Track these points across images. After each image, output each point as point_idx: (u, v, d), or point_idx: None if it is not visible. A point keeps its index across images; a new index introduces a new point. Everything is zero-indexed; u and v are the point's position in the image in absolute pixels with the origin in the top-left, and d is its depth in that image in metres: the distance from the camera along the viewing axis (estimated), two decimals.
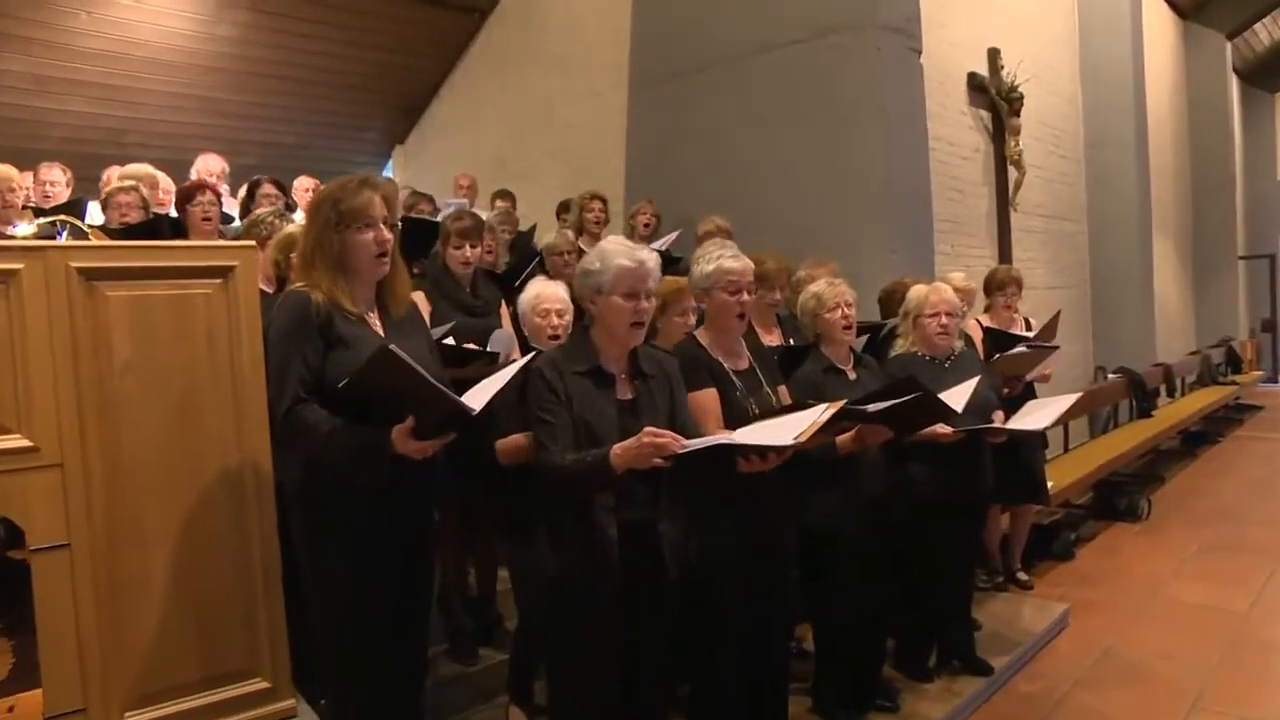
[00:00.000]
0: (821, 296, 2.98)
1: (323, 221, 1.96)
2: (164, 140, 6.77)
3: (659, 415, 2.14)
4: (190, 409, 2.01)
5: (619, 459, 1.95)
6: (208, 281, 2.03)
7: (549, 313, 2.79)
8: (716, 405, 2.44)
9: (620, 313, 2.09)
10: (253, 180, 4.50)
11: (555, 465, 2.02)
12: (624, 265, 2.09)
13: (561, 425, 2.05)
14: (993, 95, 6.46)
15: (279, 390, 1.90)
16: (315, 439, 1.86)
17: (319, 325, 1.90)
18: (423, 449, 1.85)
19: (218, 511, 2.04)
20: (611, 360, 2.16)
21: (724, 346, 2.57)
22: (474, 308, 3.21)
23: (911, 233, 4.85)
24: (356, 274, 1.99)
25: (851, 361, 3.03)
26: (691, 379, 2.42)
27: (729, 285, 2.52)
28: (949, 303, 3.19)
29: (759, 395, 2.54)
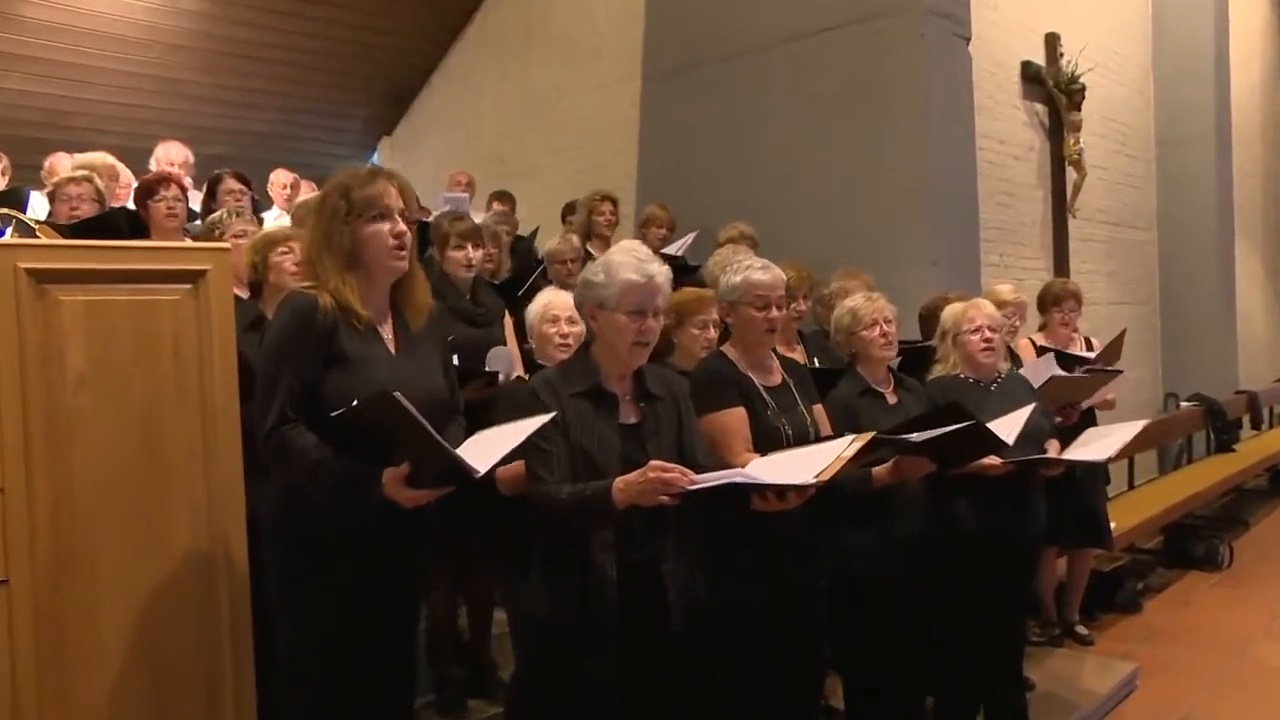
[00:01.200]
0: (858, 312, 2.99)
1: (331, 212, 1.96)
2: (118, 125, 6.75)
3: (666, 441, 2.16)
4: (153, 431, 2.02)
5: (622, 495, 1.95)
6: (175, 287, 2.04)
7: (558, 320, 2.81)
8: (745, 426, 2.45)
9: (623, 331, 2.10)
10: (213, 175, 4.48)
11: (550, 498, 2.02)
12: (631, 280, 2.10)
13: (558, 453, 2.05)
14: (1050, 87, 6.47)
15: (264, 406, 1.88)
16: (300, 466, 1.86)
17: (321, 335, 1.89)
18: (415, 499, 1.85)
19: (182, 549, 2.04)
20: (614, 380, 2.17)
21: (754, 361, 2.59)
22: (476, 317, 3.23)
23: (956, 242, 4.87)
24: (369, 272, 1.98)
25: (892, 384, 3.04)
26: (718, 396, 2.43)
27: (757, 300, 2.55)
28: (989, 316, 3.21)
29: (792, 414, 2.55)
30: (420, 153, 8.24)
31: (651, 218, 5.17)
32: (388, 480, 1.83)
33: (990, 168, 5.90)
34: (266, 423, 1.87)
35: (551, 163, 7.13)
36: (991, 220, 5.78)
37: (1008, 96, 6.27)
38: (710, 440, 2.41)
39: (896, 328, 3.03)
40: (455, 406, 2.12)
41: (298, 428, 1.86)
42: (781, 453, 2.28)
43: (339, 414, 1.80)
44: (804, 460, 2.12)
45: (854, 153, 4.99)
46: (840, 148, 5.05)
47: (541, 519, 2.06)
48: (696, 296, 2.99)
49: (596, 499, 1.98)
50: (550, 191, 6.76)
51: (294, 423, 1.86)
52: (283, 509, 1.97)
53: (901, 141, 4.82)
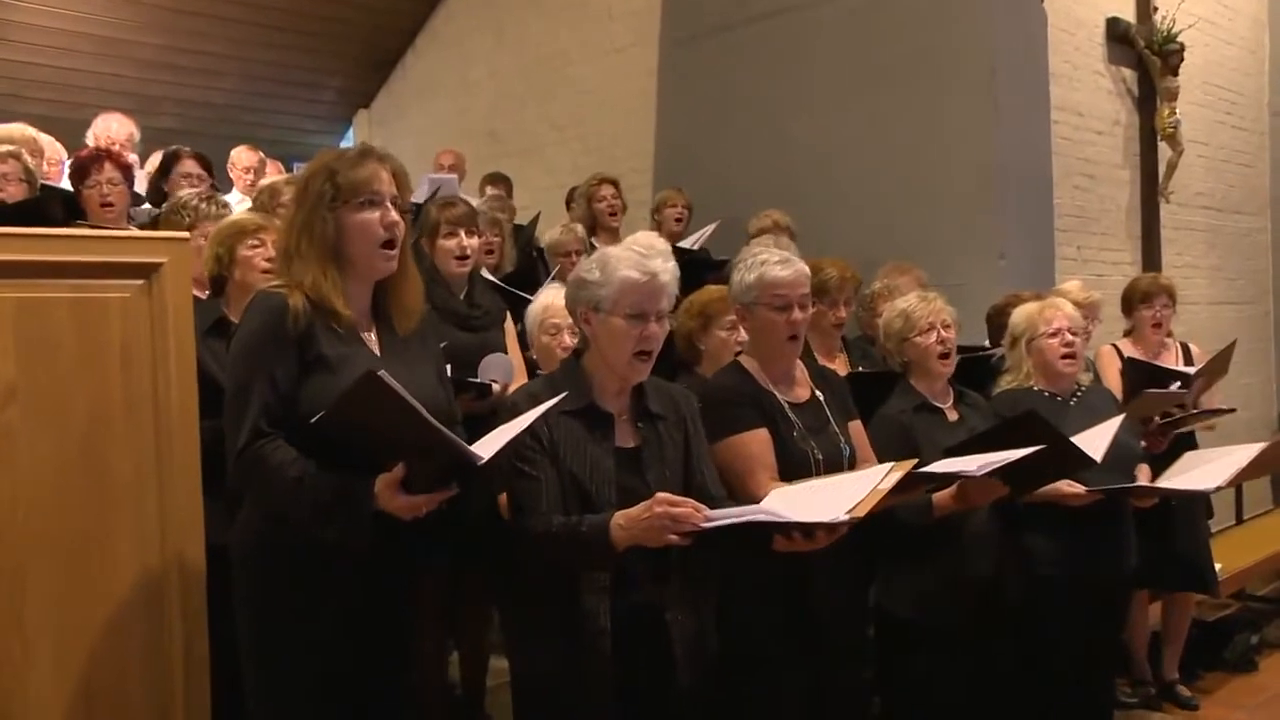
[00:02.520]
0: (912, 315, 3.00)
1: (314, 197, 1.97)
2: (50, 92, 6.75)
3: (671, 468, 2.15)
4: (96, 450, 2.02)
5: (623, 533, 1.95)
6: (125, 283, 2.05)
7: (559, 330, 2.82)
8: (768, 451, 2.44)
9: (621, 338, 2.10)
10: (169, 151, 4.51)
11: (538, 534, 2.02)
12: (629, 278, 2.10)
13: (546, 481, 2.05)
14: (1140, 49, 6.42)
15: (236, 422, 1.89)
16: (278, 485, 1.86)
17: (296, 339, 1.90)
18: (414, 506, 1.85)
19: (128, 587, 2.05)
20: (609, 396, 2.17)
21: (777, 373, 2.58)
22: (470, 319, 3.24)
23: (1027, 232, 4.87)
24: (353, 267, 2.00)
25: (951, 398, 3.04)
26: (735, 417, 2.43)
27: (774, 299, 2.52)
28: (1070, 318, 3.20)
29: (823, 436, 2.54)
30: (402, 128, 8.30)
31: (665, 201, 5.19)
32: (381, 488, 1.84)
33: (1067, 145, 5.87)
34: (239, 440, 1.88)
35: (554, 141, 7.16)
36: (1069, 206, 5.75)
37: (1089, 61, 6.25)
38: (728, 469, 2.40)
39: (956, 333, 3.03)
40: (454, 415, 2.13)
41: (274, 442, 1.88)
42: (807, 482, 2.27)
43: (320, 417, 1.83)
44: (834, 492, 2.11)
45: (907, 129, 4.99)
46: (891, 123, 5.05)
47: (528, 554, 2.07)
48: (722, 294, 2.99)
49: (593, 536, 1.97)
50: (553, 174, 6.80)
51: (270, 437, 1.88)
52: (257, 539, 1.99)
53: (963, 115, 4.82)
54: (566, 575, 2.05)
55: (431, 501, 1.88)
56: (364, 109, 8.69)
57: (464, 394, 2.82)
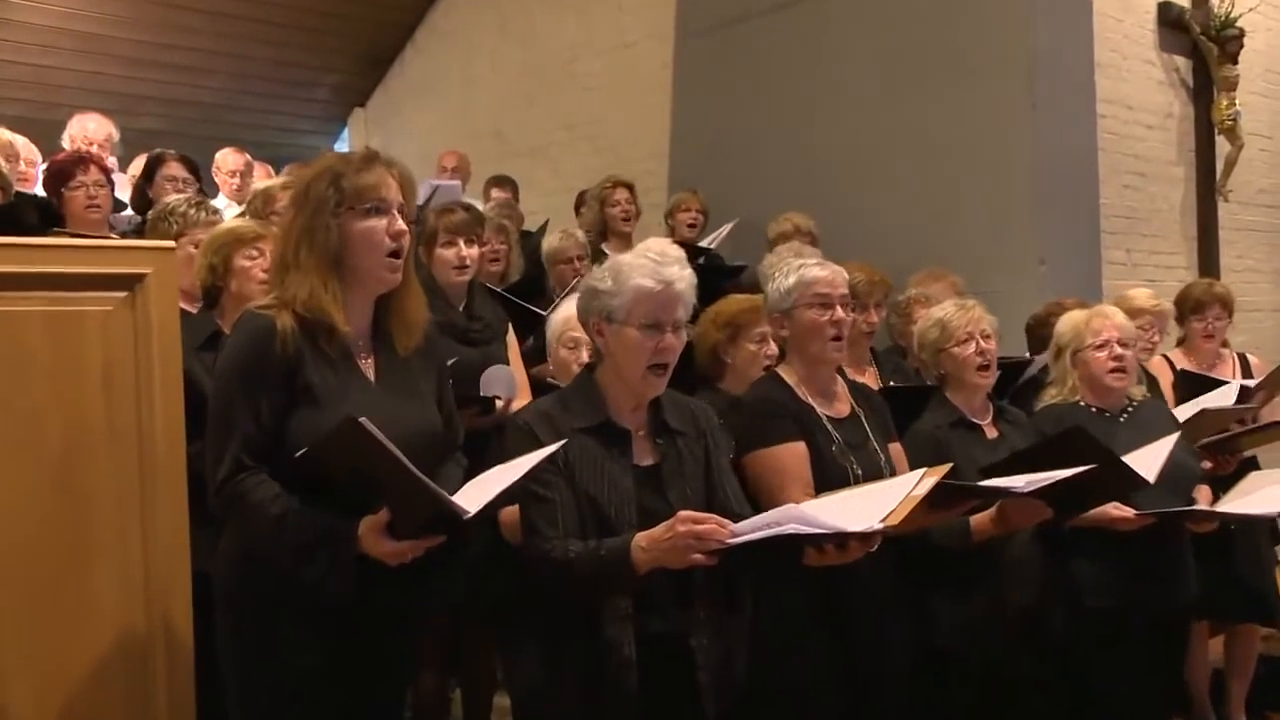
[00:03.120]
0: (948, 324, 3.01)
1: (316, 202, 1.98)
2: (26, 92, 6.81)
3: (693, 486, 2.17)
4: (74, 477, 2.02)
5: (645, 555, 1.97)
6: (106, 295, 2.06)
7: (579, 344, 2.84)
8: (804, 466, 2.46)
9: (635, 350, 2.13)
10: (153, 154, 4.53)
11: (554, 560, 2.04)
12: (643, 286, 2.12)
13: (562, 503, 2.07)
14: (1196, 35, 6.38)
15: (217, 453, 1.91)
16: (258, 523, 1.88)
17: (283, 365, 1.92)
18: (399, 553, 1.87)
19: (110, 629, 2.04)
20: (625, 412, 2.19)
21: (817, 385, 2.60)
22: (470, 333, 3.25)
23: (1071, 234, 4.87)
24: (356, 278, 2.01)
25: (990, 414, 3.04)
26: (770, 428, 2.44)
27: (816, 298, 2.57)
28: (1119, 327, 3.19)
29: (863, 452, 2.56)
30: (400, 128, 8.36)
31: (679, 205, 5.21)
32: (365, 532, 1.86)
33: (1115, 140, 5.86)
34: (219, 473, 1.90)
35: (563, 141, 7.20)
36: (1117, 206, 5.73)
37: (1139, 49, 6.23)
38: (761, 482, 2.42)
39: (996, 344, 3.03)
40: (453, 441, 2.15)
41: (256, 477, 1.89)
42: (838, 493, 2.28)
43: (301, 455, 1.84)
44: (866, 501, 2.12)
45: (940, 125, 4.99)
46: (923, 119, 5.05)
47: (543, 581, 2.08)
48: (753, 304, 3.00)
49: (614, 560, 1.98)
50: (561, 176, 6.83)
51: (251, 471, 1.89)
52: (239, 574, 1.99)
53: (1001, 109, 4.82)
54: (586, 604, 2.07)
55: (418, 549, 1.89)
56: (359, 108, 8.75)
57: (468, 409, 2.83)
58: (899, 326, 3.86)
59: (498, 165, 6.59)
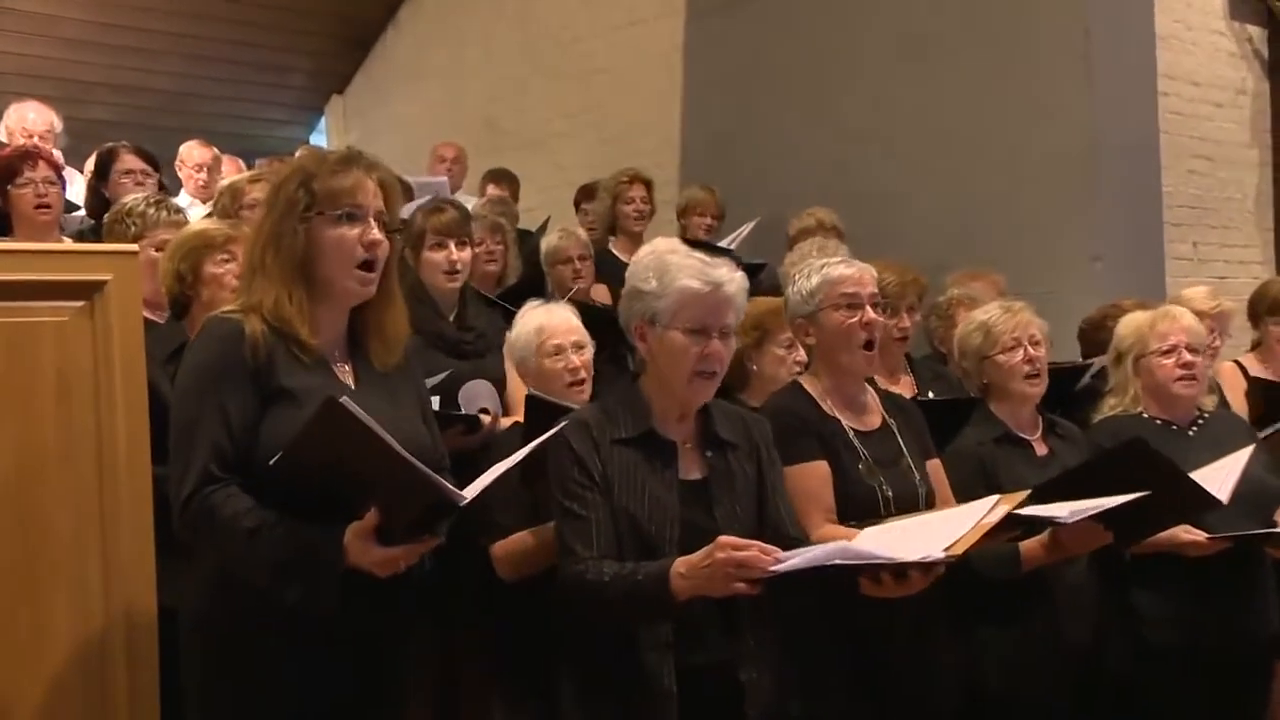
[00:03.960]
0: (993, 329, 3.00)
1: (285, 204, 1.99)
2: None
3: (743, 504, 2.19)
4: (26, 502, 2.01)
5: (684, 582, 1.98)
6: (61, 305, 2.06)
7: (562, 350, 2.84)
8: (826, 487, 2.46)
9: (680, 356, 2.15)
10: (104, 149, 4.50)
11: (588, 583, 2.06)
12: (690, 288, 2.14)
13: (597, 521, 2.09)
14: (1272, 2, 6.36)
15: (182, 465, 1.91)
16: (230, 539, 1.88)
17: (253, 370, 1.92)
18: (391, 560, 1.87)
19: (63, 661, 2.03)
20: (670, 422, 2.21)
21: (843, 395, 2.60)
22: (462, 345, 3.25)
23: (1129, 227, 4.86)
24: (323, 289, 2.02)
25: (1040, 428, 3.03)
26: (790, 445, 2.44)
27: (844, 299, 2.57)
28: (1187, 330, 3.17)
29: (894, 471, 2.56)
30: (383, 118, 8.36)
31: (692, 204, 5.19)
32: (351, 539, 1.85)
33: (1179, 121, 5.83)
34: (185, 487, 1.90)
35: (564, 131, 7.20)
36: (1182, 194, 5.71)
37: (1205, 19, 6.18)
38: None
39: (1047, 350, 3.02)
40: (440, 460, 2.15)
41: (226, 489, 1.90)
42: (897, 521, 2.28)
43: (279, 458, 1.84)
44: (927, 530, 2.12)
45: (982, 108, 5.00)
46: (962, 102, 5.06)
47: (576, 606, 2.10)
48: (779, 307, 2.99)
49: (651, 587, 2.00)
50: (563, 170, 6.82)
51: (221, 484, 1.90)
52: (209, 601, 1.99)
53: (1050, 89, 4.82)
54: (622, 630, 2.09)
55: (411, 554, 1.89)
56: (338, 95, 8.74)
57: (450, 428, 2.83)
58: (939, 331, 3.87)
59: (491, 158, 6.58)
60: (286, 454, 1.84)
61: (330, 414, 1.76)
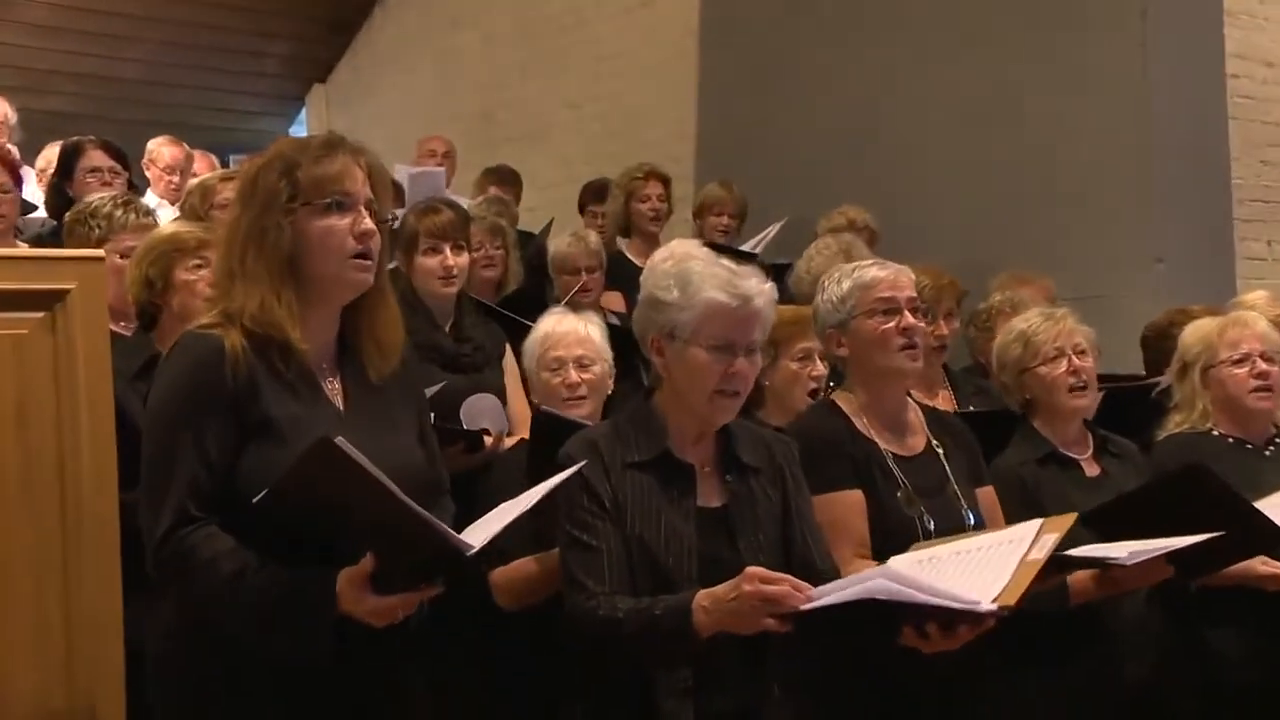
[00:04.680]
0: (1033, 339, 3.01)
1: (266, 196, 1.97)
2: None
3: (768, 534, 2.19)
4: None
5: (707, 617, 1.97)
6: (19, 316, 2.05)
7: (564, 363, 2.85)
8: (859, 518, 2.46)
9: (701, 374, 2.15)
10: (69, 143, 4.53)
11: (599, 620, 2.06)
12: (716, 301, 2.14)
13: (609, 552, 2.10)
14: None
15: (155, 501, 1.90)
16: (209, 584, 1.87)
17: (233, 394, 1.91)
18: (388, 610, 1.85)
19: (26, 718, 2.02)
20: (688, 443, 2.22)
21: (883, 414, 2.60)
22: (458, 358, 3.27)
23: (1195, 225, 4.82)
24: (315, 288, 2.01)
25: (1090, 446, 3.03)
26: (821, 471, 2.44)
27: (880, 303, 2.57)
28: (1261, 337, 3.16)
29: (939, 501, 2.54)
30: (369, 109, 8.41)
31: (709, 202, 5.19)
32: (345, 586, 1.84)
33: (1250, 106, 5.76)
34: (159, 527, 1.89)
35: (567, 122, 7.22)
36: (1254, 188, 5.64)
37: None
38: None
39: (1096, 360, 3.02)
40: (438, 483, 2.15)
41: (204, 529, 1.88)
42: (926, 550, 2.26)
43: (264, 496, 1.83)
44: (967, 565, 2.10)
45: (1028, 94, 4.98)
46: (1007, 87, 5.04)
47: (586, 644, 2.10)
48: (794, 315, 3.00)
49: (670, 621, 1.99)
50: (565, 165, 6.83)
51: (199, 523, 1.89)
52: (183, 646, 1.98)
53: (1104, 71, 4.80)
54: (638, 673, 2.09)
55: (409, 603, 1.88)
56: (320, 84, 8.80)
57: (451, 445, 2.84)
58: (979, 341, 3.86)
59: (487, 152, 6.61)
60: (272, 495, 1.83)
61: (323, 455, 1.75)
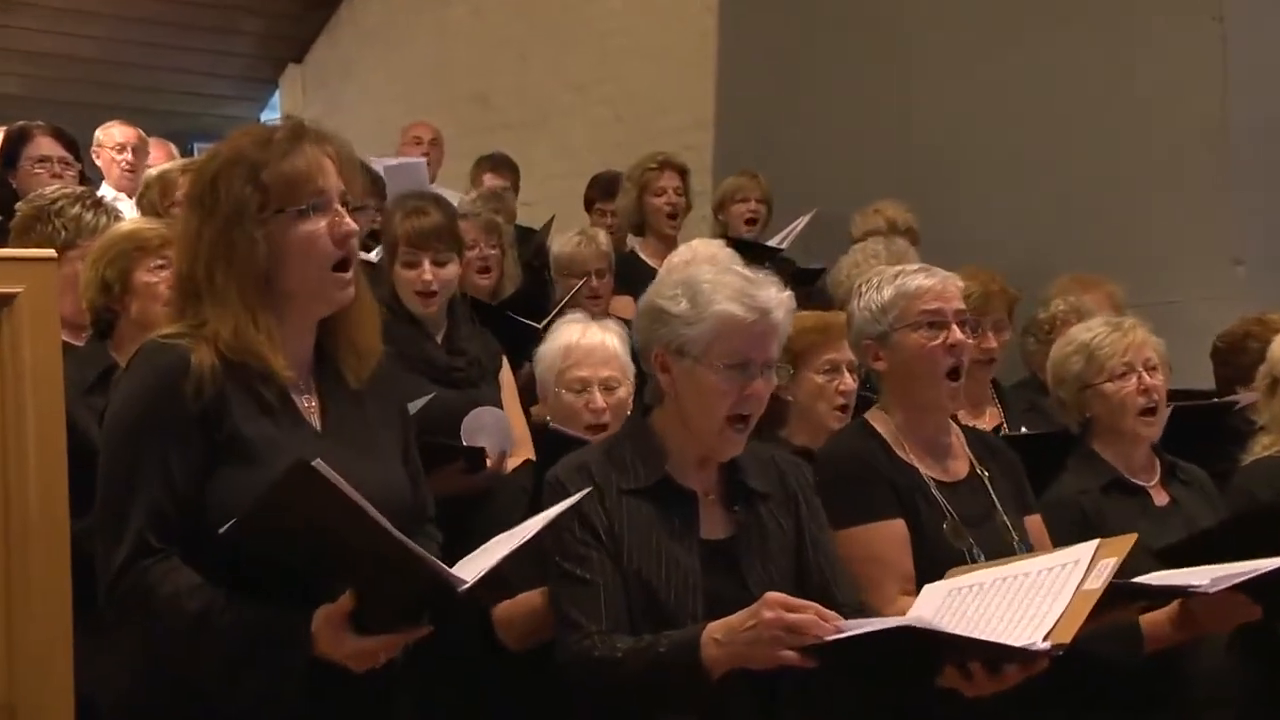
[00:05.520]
0: (1097, 351, 3.01)
1: (232, 206, 1.96)
2: None
3: (779, 568, 2.21)
4: None
5: (720, 650, 1.98)
6: None
7: (589, 385, 2.84)
8: (903, 552, 2.47)
9: (713, 398, 2.17)
10: (13, 129, 4.61)
11: (596, 661, 2.06)
12: (730, 315, 2.15)
13: (605, 587, 2.11)
14: None
15: (113, 531, 1.91)
16: (171, 624, 1.88)
17: (199, 412, 1.92)
18: (369, 653, 1.86)
19: None
20: (690, 469, 2.23)
21: (922, 437, 2.61)
22: (451, 372, 3.29)
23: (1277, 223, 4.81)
24: (294, 303, 2.02)
25: (1158, 472, 3.02)
26: (859, 499, 2.45)
27: (925, 316, 2.58)
28: None
29: (986, 530, 2.55)
30: (350, 92, 8.43)
31: (732, 191, 5.21)
32: (322, 626, 1.85)
33: None
34: (116, 559, 1.89)
35: (570, 108, 7.24)
36: None
37: None
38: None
39: (1166, 377, 3.02)
40: (421, 510, 2.16)
41: (166, 563, 1.89)
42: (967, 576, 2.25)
43: (232, 526, 1.83)
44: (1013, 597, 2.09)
45: (1089, 78, 4.98)
46: (1064, 71, 5.04)
47: (583, 687, 2.10)
48: (820, 323, 3.00)
49: (677, 658, 2.00)
50: (569, 155, 6.85)
51: (160, 555, 1.89)
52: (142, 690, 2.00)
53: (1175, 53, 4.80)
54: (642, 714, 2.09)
55: (393, 645, 1.89)
56: (295, 64, 8.82)
57: (446, 465, 2.84)
58: (1036, 354, 3.85)
59: (482, 140, 6.62)
60: (241, 524, 1.83)
61: (300, 481, 1.75)
